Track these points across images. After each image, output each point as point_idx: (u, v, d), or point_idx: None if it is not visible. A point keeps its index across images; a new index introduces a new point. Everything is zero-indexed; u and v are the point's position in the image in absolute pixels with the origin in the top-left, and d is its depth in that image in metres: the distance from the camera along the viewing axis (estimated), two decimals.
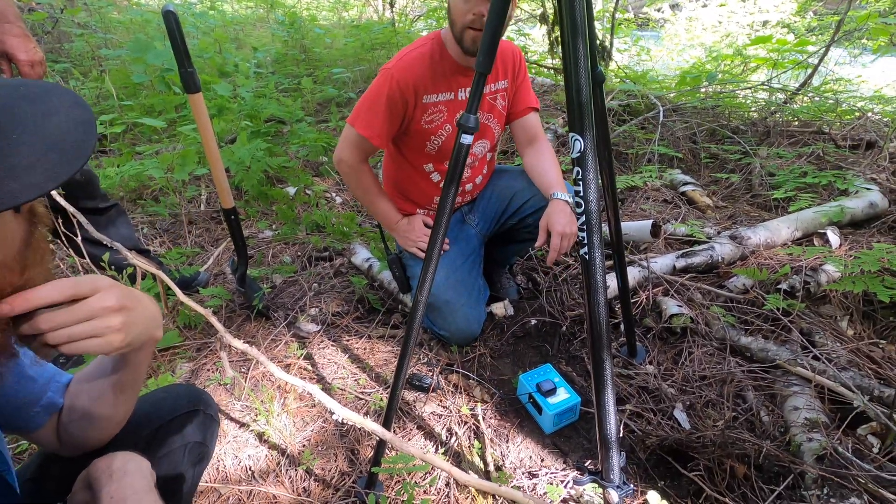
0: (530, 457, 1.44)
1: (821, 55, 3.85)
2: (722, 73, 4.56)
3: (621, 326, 1.76)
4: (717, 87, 3.96)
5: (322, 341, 1.85)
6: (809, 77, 3.92)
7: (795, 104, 3.76)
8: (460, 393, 1.65)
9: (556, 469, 1.40)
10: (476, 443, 1.48)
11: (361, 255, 2.21)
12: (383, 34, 5.05)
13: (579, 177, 1.00)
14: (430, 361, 1.77)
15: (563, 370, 1.72)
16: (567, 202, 1.56)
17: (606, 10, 5.49)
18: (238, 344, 1.20)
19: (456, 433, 1.50)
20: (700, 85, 3.96)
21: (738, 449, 1.31)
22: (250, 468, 1.39)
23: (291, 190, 2.89)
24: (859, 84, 4.19)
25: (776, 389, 1.54)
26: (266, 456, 1.43)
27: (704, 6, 7.76)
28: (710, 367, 1.65)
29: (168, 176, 2.63)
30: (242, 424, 1.51)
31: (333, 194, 2.98)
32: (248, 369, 1.70)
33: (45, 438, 0.80)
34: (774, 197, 2.55)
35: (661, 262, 2.01)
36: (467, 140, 1.04)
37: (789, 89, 3.86)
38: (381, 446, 1.27)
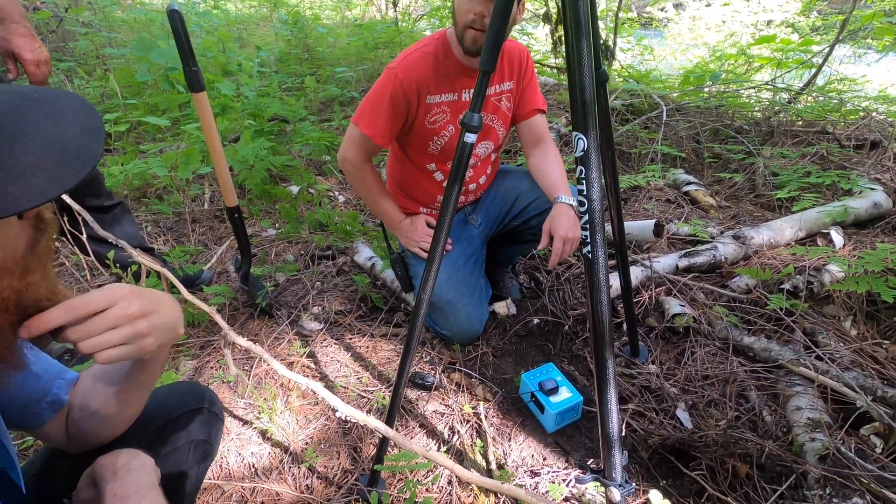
0: (532, 455, 1.44)
1: (825, 55, 3.84)
2: (725, 72, 4.55)
3: (624, 326, 1.76)
4: (720, 87, 3.95)
5: (325, 340, 1.85)
6: (814, 77, 3.90)
7: (799, 104, 3.75)
8: (462, 391, 1.65)
9: (559, 468, 1.40)
10: (478, 441, 1.48)
11: (364, 254, 2.22)
12: (386, 33, 5.05)
13: (583, 175, 1.00)
14: (432, 360, 1.77)
15: (566, 369, 1.72)
16: (571, 206, 1.55)
17: (610, 10, 5.48)
18: (242, 341, 1.20)
19: (458, 432, 1.50)
20: (703, 84, 3.95)
21: (740, 448, 1.32)
22: (253, 465, 1.40)
23: (295, 189, 2.90)
24: (864, 84, 4.17)
25: (779, 389, 1.54)
26: (269, 453, 1.43)
27: (708, 5, 7.73)
28: (712, 366, 1.65)
29: (172, 174, 2.63)
30: (245, 422, 1.52)
31: (336, 193, 2.99)
32: (251, 367, 1.71)
33: (51, 435, 0.80)
34: (778, 197, 2.54)
35: (664, 262, 2.00)
36: (471, 139, 1.04)
37: (793, 89, 3.85)
38: (383, 444, 1.28)
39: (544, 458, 1.44)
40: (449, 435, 1.50)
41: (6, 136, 0.48)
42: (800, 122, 3.48)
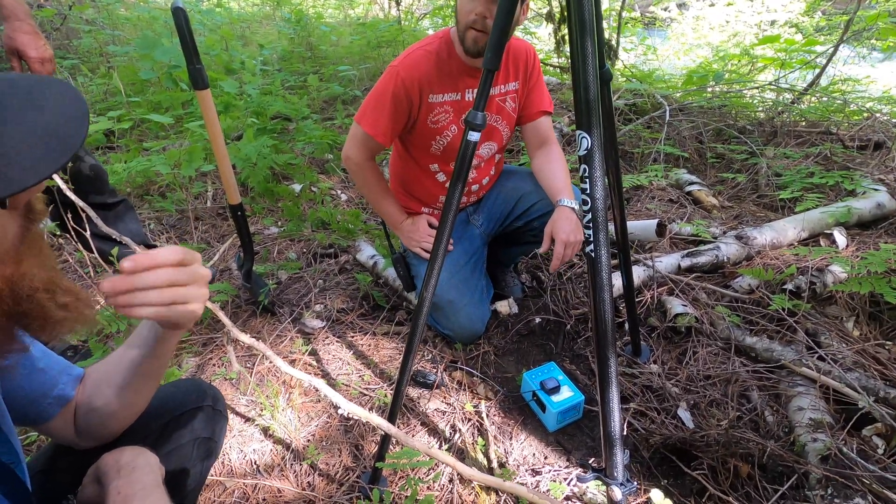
0: (534, 454, 1.45)
1: (829, 55, 3.83)
2: (729, 72, 4.53)
3: (626, 325, 1.76)
4: (723, 87, 3.94)
5: (327, 337, 1.86)
6: (817, 77, 3.89)
7: (803, 104, 3.74)
8: (464, 390, 1.65)
9: (560, 466, 1.40)
10: (479, 440, 1.48)
11: (366, 253, 2.22)
12: (389, 32, 5.05)
13: (586, 174, 1.00)
14: (434, 358, 1.77)
15: (567, 368, 1.73)
16: (573, 209, 1.54)
17: (613, 9, 5.47)
18: (245, 338, 1.21)
19: (459, 430, 1.51)
20: (707, 84, 3.94)
21: (741, 448, 1.32)
22: (255, 462, 1.41)
23: (297, 187, 2.90)
24: (868, 84, 4.15)
25: (781, 389, 1.54)
26: (271, 450, 1.44)
27: (712, 5, 7.71)
28: (714, 366, 1.65)
29: (175, 172, 2.64)
30: (248, 419, 1.53)
31: (339, 191, 2.99)
32: (253, 364, 1.71)
33: (58, 430, 0.80)
34: (781, 197, 2.54)
35: (667, 262, 2.00)
36: (474, 137, 1.04)
37: (797, 89, 3.83)
38: (385, 441, 1.28)
39: (545, 457, 1.44)
40: (450, 433, 1.51)
41: None
42: (803, 123, 3.47)
